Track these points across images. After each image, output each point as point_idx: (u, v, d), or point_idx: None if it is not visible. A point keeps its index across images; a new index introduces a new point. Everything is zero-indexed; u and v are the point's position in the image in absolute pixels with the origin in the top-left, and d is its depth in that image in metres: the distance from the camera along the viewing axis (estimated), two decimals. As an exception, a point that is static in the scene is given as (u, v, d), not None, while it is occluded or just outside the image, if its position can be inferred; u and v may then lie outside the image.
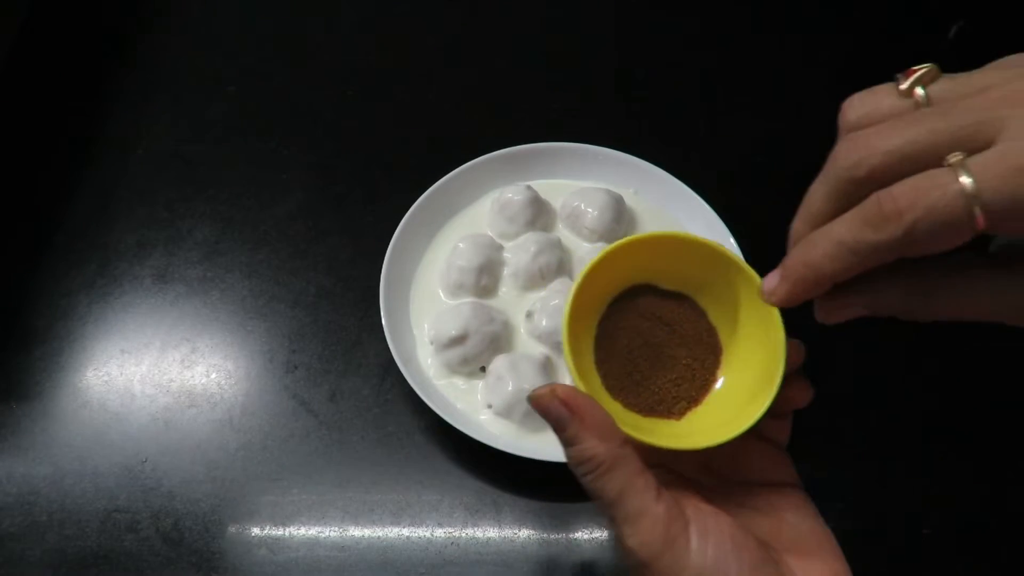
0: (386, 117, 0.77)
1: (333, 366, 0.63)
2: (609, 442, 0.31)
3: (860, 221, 0.26)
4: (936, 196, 0.24)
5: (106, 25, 0.84)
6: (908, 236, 0.25)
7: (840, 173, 0.27)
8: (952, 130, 0.25)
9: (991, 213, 0.24)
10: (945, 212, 0.24)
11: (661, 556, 0.30)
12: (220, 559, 0.55)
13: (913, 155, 0.25)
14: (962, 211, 0.24)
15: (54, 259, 0.68)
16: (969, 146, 0.24)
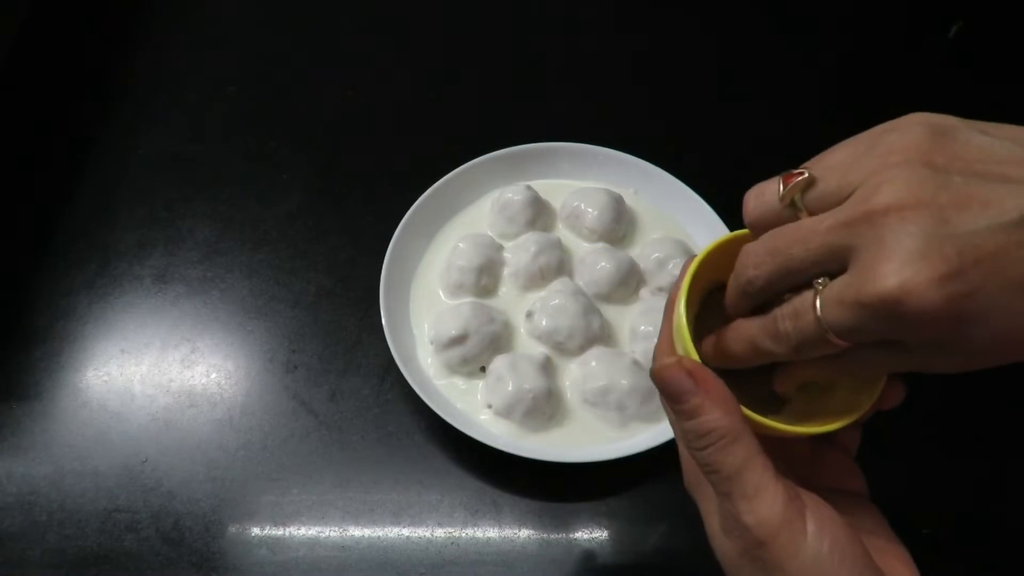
0: (386, 117, 0.77)
1: (333, 366, 0.63)
2: (732, 415, 0.31)
3: (763, 333, 0.32)
4: (804, 324, 0.30)
5: (106, 25, 0.84)
6: (795, 351, 0.31)
7: (742, 285, 0.32)
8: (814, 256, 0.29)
9: (841, 336, 0.28)
10: (813, 336, 0.29)
11: (778, 535, 0.30)
12: (220, 559, 0.55)
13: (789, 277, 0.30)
14: (819, 335, 0.29)
15: (54, 259, 0.68)
16: (830, 269, 0.28)
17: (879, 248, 0.26)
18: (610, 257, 0.62)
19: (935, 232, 0.25)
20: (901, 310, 0.26)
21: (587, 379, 0.58)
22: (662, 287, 0.63)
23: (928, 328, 0.26)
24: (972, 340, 0.27)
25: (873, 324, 0.27)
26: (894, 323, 0.27)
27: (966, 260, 0.25)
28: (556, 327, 0.59)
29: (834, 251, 0.28)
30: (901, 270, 0.26)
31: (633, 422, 0.57)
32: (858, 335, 0.28)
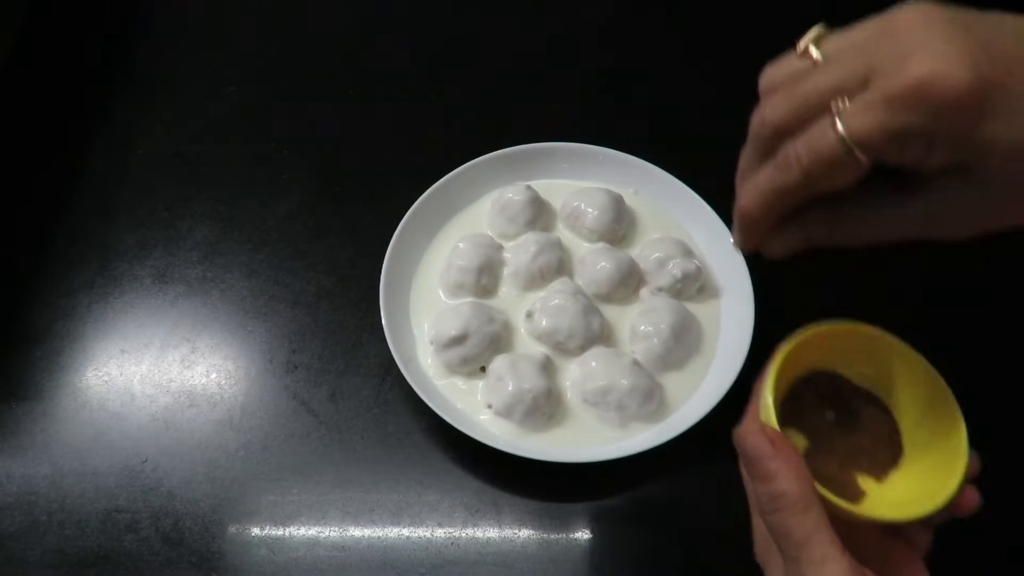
0: (386, 117, 0.77)
1: (333, 366, 0.63)
2: (805, 484, 0.32)
3: (772, 169, 0.31)
4: (818, 145, 0.29)
5: (106, 25, 0.84)
6: (807, 177, 0.30)
7: (758, 133, 0.32)
8: (832, 82, 0.29)
9: (866, 150, 0.28)
10: (829, 156, 0.29)
11: None
12: (220, 559, 0.55)
13: (806, 109, 0.30)
14: (842, 153, 0.29)
15: (54, 259, 0.68)
16: (850, 92, 0.29)
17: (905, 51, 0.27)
18: (610, 257, 0.62)
19: (959, 33, 0.27)
20: (934, 92, 0.27)
21: (587, 379, 0.58)
22: (662, 287, 0.63)
23: (957, 114, 0.27)
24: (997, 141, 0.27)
25: (902, 118, 0.27)
26: (925, 110, 0.27)
27: (994, 55, 0.27)
28: (556, 327, 0.59)
29: (854, 71, 0.29)
30: (931, 59, 0.27)
31: (633, 422, 0.57)
32: (887, 138, 0.28)
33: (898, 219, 0.32)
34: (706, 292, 0.64)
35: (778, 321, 0.60)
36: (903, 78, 0.27)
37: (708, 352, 0.61)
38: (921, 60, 0.27)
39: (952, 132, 0.28)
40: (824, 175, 0.30)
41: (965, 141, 0.28)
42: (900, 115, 0.28)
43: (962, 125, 0.27)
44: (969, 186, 0.29)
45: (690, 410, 0.57)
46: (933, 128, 0.28)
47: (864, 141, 0.28)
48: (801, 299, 0.66)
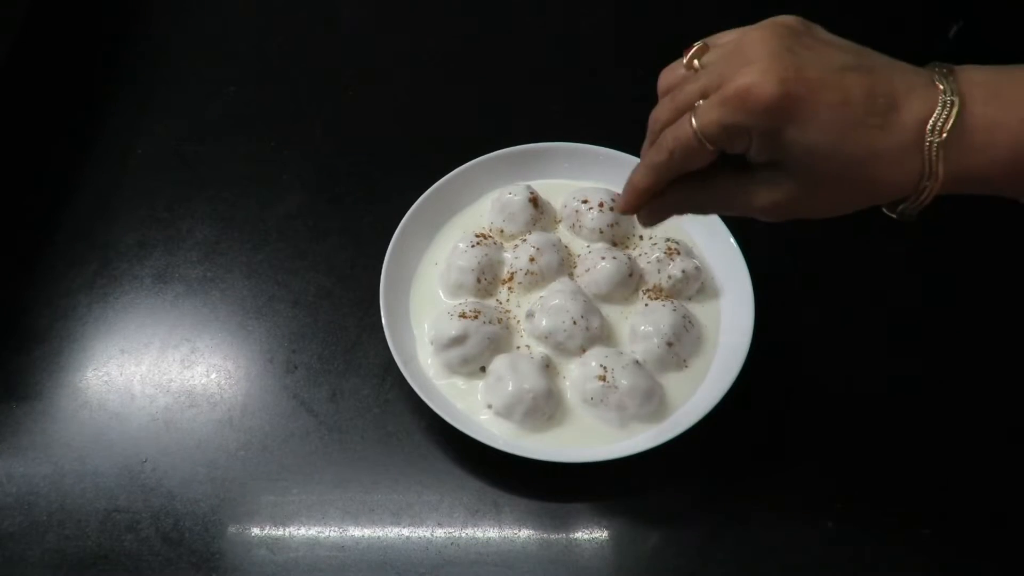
0: (386, 117, 0.77)
1: (333, 366, 0.63)
2: None
3: (653, 151, 0.40)
4: (680, 134, 0.38)
5: (106, 25, 0.84)
6: (672, 158, 0.39)
7: (651, 127, 0.41)
8: (698, 88, 0.38)
9: (710, 140, 0.37)
10: (685, 143, 0.38)
11: None
12: (220, 559, 0.55)
13: (680, 109, 0.39)
14: (695, 141, 0.38)
15: (54, 259, 0.68)
16: (706, 95, 0.37)
17: (740, 64, 0.36)
18: (610, 257, 0.62)
19: (782, 54, 0.36)
20: (750, 99, 0.35)
21: (587, 379, 0.58)
22: (662, 287, 0.63)
23: (769, 115, 0.35)
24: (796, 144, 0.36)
25: (730, 116, 0.36)
26: (744, 112, 0.35)
27: (800, 75, 0.35)
28: (556, 327, 0.59)
29: (713, 79, 0.37)
30: (753, 74, 0.35)
31: (633, 422, 0.57)
32: (720, 131, 0.37)
33: (733, 197, 0.40)
34: (706, 292, 0.64)
35: (778, 321, 0.60)
36: (733, 86, 0.36)
37: (708, 352, 0.61)
38: (747, 72, 0.35)
39: (764, 131, 0.36)
40: (684, 157, 0.39)
41: (774, 140, 0.36)
42: (728, 114, 0.36)
43: (771, 126, 0.36)
44: (777, 179, 0.38)
45: (690, 410, 0.57)
46: (751, 126, 0.36)
47: (706, 133, 0.37)
48: (801, 299, 0.66)
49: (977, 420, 0.61)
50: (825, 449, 0.59)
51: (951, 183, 0.36)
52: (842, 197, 0.39)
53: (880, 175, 0.37)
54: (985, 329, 0.65)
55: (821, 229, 0.68)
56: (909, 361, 0.63)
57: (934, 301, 0.66)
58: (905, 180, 0.37)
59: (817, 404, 0.61)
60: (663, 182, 0.41)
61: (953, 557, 0.55)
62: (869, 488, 0.58)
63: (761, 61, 0.35)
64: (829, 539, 0.55)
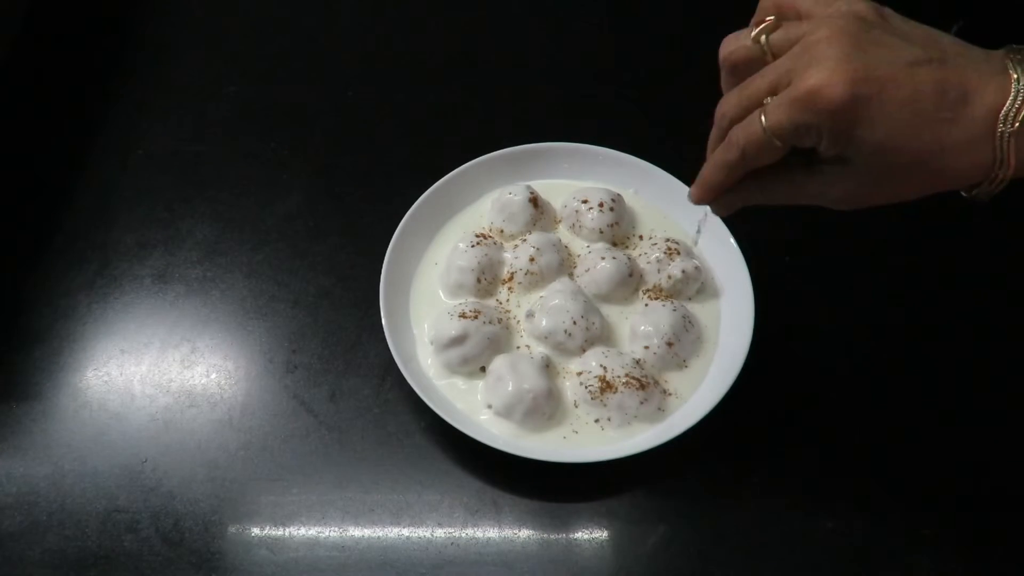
0: (386, 117, 0.77)
1: (333, 366, 0.62)
2: None
3: (722, 149, 0.41)
4: (750, 132, 0.39)
5: (106, 25, 0.84)
6: (743, 155, 0.40)
7: (718, 122, 0.42)
8: (766, 85, 0.38)
9: (780, 138, 0.38)
10: (756, 141, 0.39)
11: None
12: (220, 559, 0.55)
13: (748, 105, 0.39)
14: (764, 139, 0.38)
15: (54, 259, 0.68)
16: (775, 92, 0.38)
17: (810, 63, 0.36)
18: (610, 257, 0.62)
19: (852, 53, 0.35)
20: (820, 99, 0.35)
21: (587, 379, 0.58)
22: (662, 287, 0.63)
23: (837, 117, 0.36)
24: (866, 142, 0.36)
25: (800, 116, 0.36)
26: (814, 112, 0.36)
27: (870, 76, 0.35)
28: (556, 327, 0.59)
29: (781, 76, 0.37)
30: (822, 74, 0.35)
31: (633, 422, 0.57)
32: (791, 130, 0.37)
33: (804, 189, 0.41)
34: (706, 292, 0.64)
35: (778, 321, 0.60)
36: (802, 86, 0.36)
37: (708, 352, 0.61)
38: (817, 73, 0.36)
39: (833, 130, 0.36)
40: (755, 154, 0.39)
41: (843, 138, 0.37)
42: (798, 114, 0.36)
43: (840, 126, 0.36)
44: (847, 172, 0.38)
45: (690, 410, 0.57)
46: (820, 125, 0.36)
47: (776, 131, 0.38)
48: (801, 299, 0.66)
49: (978, 420, 0.61)
50: (825, 449, 0.59)
51: None
52: (913, 187, 0.39)
53: (951, 166, 0.37)
54: (987, 330, 0.65)
55: (821, 229, 0.68)
56: (910, 361, 0.63)
57: (935, 301, 0.66)
58: (976, 169, 0.37)
59: (817, 404, 0.61)
60: (735, 178, 0.41)
61: (953, 557, 0.55)
62: (869, 488, 0.58)
63: (831, 60, 0.35)
64: (829, 539, 0.55)
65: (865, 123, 0.36)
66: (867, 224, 0.69)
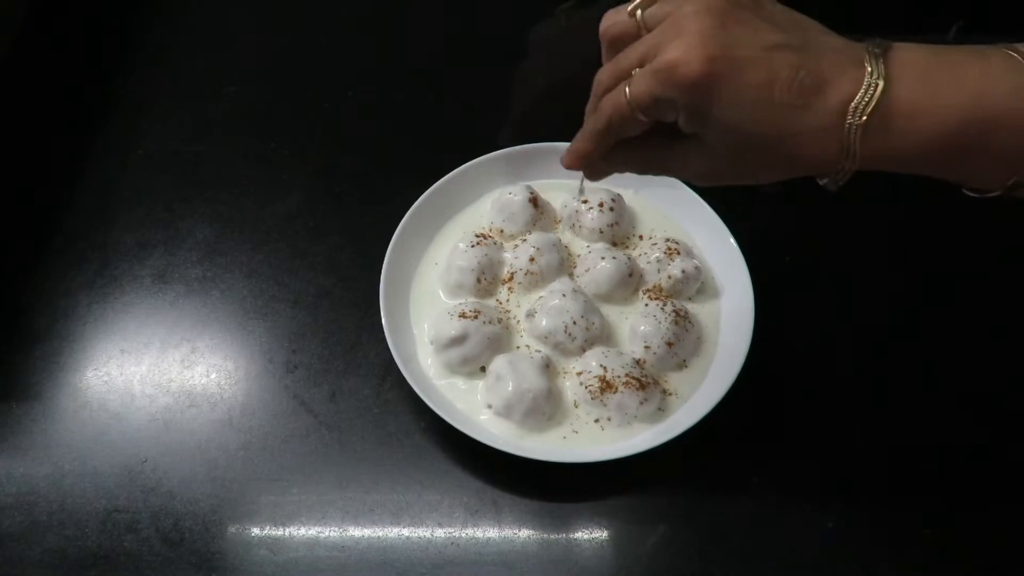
0: (386, 117, 0.77)
1: (333, 366, 0.63)
2: None
3: (592, 118, 0.42)
4: (616, 103, 0.39)
5: (106, 25, 0.84)
6: (609, 125, 0.41)
7: (594, 90, 0.42)
8: (635, 56, 0.38)
9: (642, 110, 0.38)
10: (620, 112, 0.39)
11: None
12: (220, 559, 0.55)
13: (619, 76, 0.40)
14: (628, 110, 0.39)
15: (54, 259, 0.68)
16: (645, 63, 0.38)
17: (672, 38, 0.36)
18: (610, 257, 0.62)
19: (713, 31, 0.36)
20: (677, 73, 0.36)
21: (587, 379, 0.58)
22: (662, 287, 0.63)
23: (692, 92, 0.36)
24: (719, 120, 0.37)
25: (658, 88, 0.37)
26: (671, 85, 0.36)
27: (728, 55, 0.35)
28: (556, 327, 0.59)
29: (649, 49, 0.38)
30: (680, 49, 0.36)
31: (633, 422, 0.57)
32: (650, 102, 0.38)
33: (668, 163, 0.42)
34: (706, 292, 0.64)
35: (778, 321, 0.60)
36: (662, 59, 0.36)
37: (708, 352, 0.61)
38: (676, 47, 0.36)
39: (689, 106, 0.37)
40: (619, 125, 0.40)
41: (699, 114, 0.37)
42: (657, 87, 0.37)
43: (695, 102, 0.37)
44: (705, 149, 0.39)
45: (690, 410, 0.57)
46: (677, 100, 0.37)
47: (637, 102, 0.38)
48: (801, 299, 0.66)
49: (978, 420, 0.61)
50: (825, 449, 0.59)
51: (871, 162, 0.37)
52: (767, 169, 0.40)
53: (800, 152, 0.37)
54: (986, 328, 0.65)
55: (821, 229, 0.68)
56: (910, 361, 0.63)
57: (935, 301, 0.66)
58: (825, 158, 0.37)
59: (817, 404, 0.61)
60: (604, 147, 0.42)
61: (953, 557, 0.55)
62: (869, 488, 0.58)
63: (692, 35, 0.36)
64: (829, 539, 0.55)
65: (719, 102, 0.36)
66: (867, 224, 0.70)
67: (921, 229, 0.69)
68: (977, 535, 0.56)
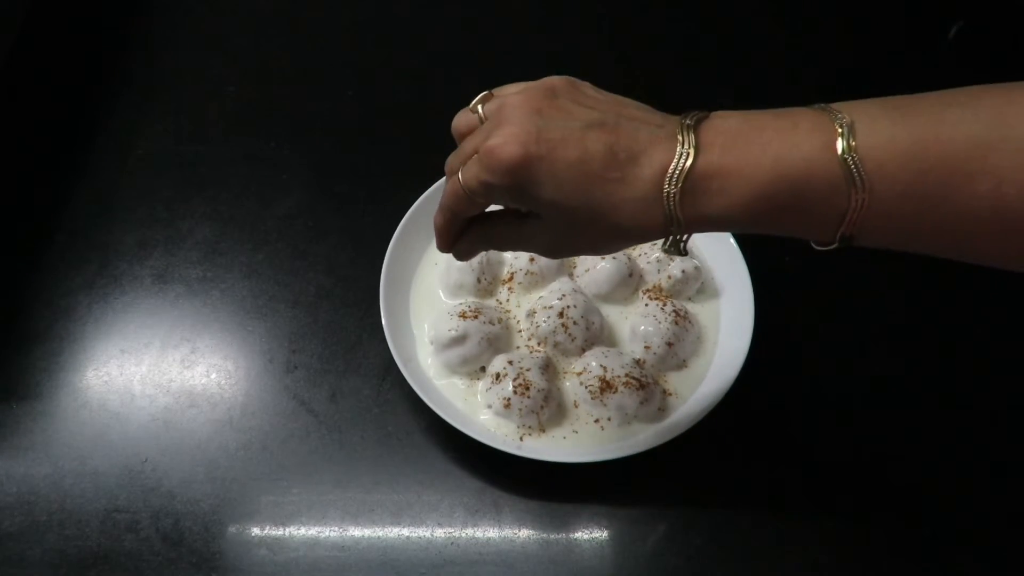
0: (386, 117, 0.77)
1: (333, 366, 0.63)
2: None
3: (441, 200, 0.44)
4: (454, 187, 0.42)
5: (106, 25, 0.84)
6: (452, 206, 0.43)
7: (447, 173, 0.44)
8: (473, 144, 0.41)
9: (471, 193, 0.41)
10: (456, 195, 0.42)
11: None
12: (220, 559, 0.55)
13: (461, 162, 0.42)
14: (463, 194, 0.41)
15: (54, 259, 0.68)
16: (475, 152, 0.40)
17: (495, 127, 0.39)
18: (610, 257, 0.62)
19: (530, 117, 0.39)
20: (494, 159, 0.38)
21: (587, 379, 0.58)
22: (662, 287, 0.63)
23: (512, 175, 0.38)
24: (542, 198, 0.39)
25: (483, 173, 0.39)
26: (491, 171, 0.39)
27: (542, 138, 0.38)
28: (556, 327, 0.59)
29: (480, 138, 0.40)
30: (501, 136, 0.38)
31: (633, 422, 0.57)
32: (477, 186, 0.40)
33: (517, 239, 0.44)
34: (706, 292, 0.64)
35: (778, 321, 0.60)
36: (485, 147, 0.39)
37: (708, 352, 0.61)
38: (497, 136, 0.39)
39: (511, 187, 0.39)
40: (459, 206, 0.42)
41: (522, 195, 0.39)
42: (483, 173, 0.39)
43: (516, 183, 0.39)
44: (542, 225, 0.41)
45: (690, 410, 0.57)
46: (501, 184, 0.39)
47: (467, 186, 0.41)
48: (801, 299, 0.66)
49: (978, 420, 0.61)
50: (825, 449, 0.59)
51: (697, 225, 0.39)
52: (602, 240, 0.42)
53: (626, 222, 0.39)
54: (984, 331, 0.65)
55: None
56: (910, 362, 0.63)
57: (936, 301, 0.66)
58: (652, 225, 0.39)
59: (817, 404, 0.61)
60: (456, 224, 0.44)
61: (953, 557, 0.55)
62: (869, 488, 0.58)
63: (511, 124, 0.39)
64: (829, 539, 0.55)
65: (537, 181, 0.38)
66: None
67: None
68: (978, 535, 0.56)
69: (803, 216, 0.38)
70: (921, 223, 0.36)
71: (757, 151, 0.37)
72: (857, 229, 0.37)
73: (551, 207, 0.39)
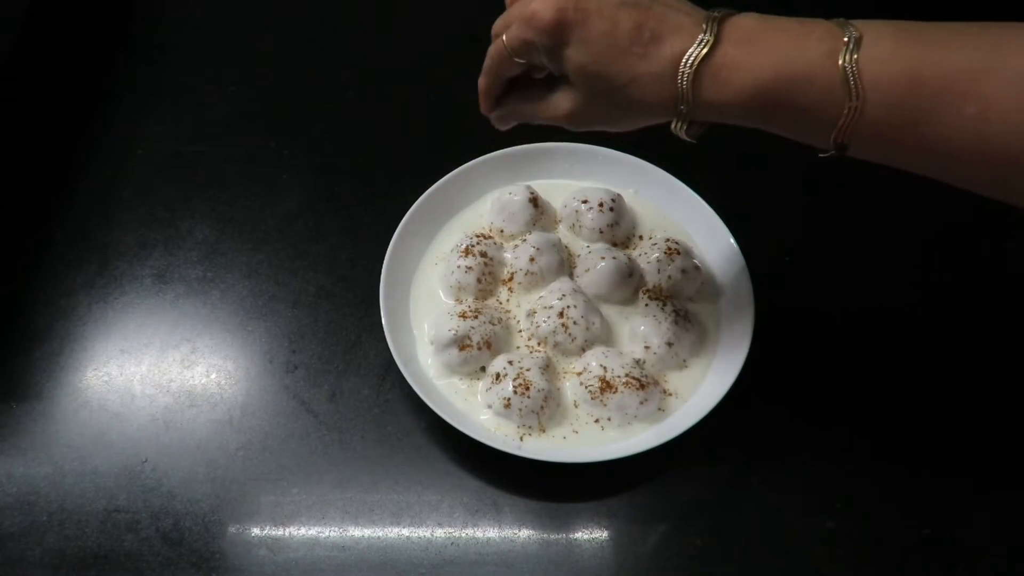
0: (386, 117, 0.77)
1: (333, 366, 0.63)
2: None
3: (486, 61, 0.49)
4: (497, 46, 0.47)
5: (106, 25, 0.84)
6: (492, 64, 0.49)
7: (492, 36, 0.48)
8: (517, 12, 0.45)
9: (512, 52, 0.46)
10: (498, 54, 0.48)
11: None
12: (220, 559, 0.55)
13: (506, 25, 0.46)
14: (504, 53, 0.47)
15: (54, 259, 0.68)
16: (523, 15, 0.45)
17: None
18: (610, 257, 0.62)
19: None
20: (535, 20, 0.43)
21: (587, 379, 0.58)
22: (662, 287, 0.63)
23: (548, 34, 0.43)
24: (572, 60, 0.44)
25: (522, 32, 0.44)
26: (531, 30, 0.44)
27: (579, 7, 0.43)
28: (556, 327, 0.59)
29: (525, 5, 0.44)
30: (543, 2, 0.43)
31: (633, 422, 0.57)
32: (518, 44, 0.45)
33: (545, 107, 0.48)
34: (706, 292, 0.64)
35: (778, 321, 0.60)
36: (528, 9, 0.44)
37: (708, 352, 0.61)
38: (539, 1, 0.43)
39: (546, 47, 0.44)
40: (501, 66, 0.48)
41: (555, 55, 0.44)
42: (522, 31, 0.44)
43: (551, 44, 0.44)
44: (570, 91, 0.46)
45: (690, 410, 0.57)
46: (539, 42, 0.44)
47: (511, 45, 0.46)
48: (801, 299, 0.66)
49: (978, 421, 0.61)
50: (825, 449, 0.59)
51: (703, 111, 0.43)
52: (617, 113, 0.46)
53: (642, 95, 0.43)
54: (986, 331, 0.65)
55: (821, 229, 0.68)
56: (909, 362, 0.63)
57: (937, 300, 0.66)
58: (665, 103, 0.43)
59: (817, 404, 0.61)
60: (496, 85, 0.50)
61: (953, 557, 0.55)
62: (869, 488, 0.58)
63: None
64: (829, 539, 0.55)
65: (570, 45, 0.43)
66: (868, 224, 0.70)
67: (922, 229, 0.69)
68: (979, 536, 0.56)
69: (798, 116, 0.41)
70: (908, 137, 0.39)
71: (767, 49, 0.40)
72: (849, 138, 0.40)
73: (579, 71, 0.44)
